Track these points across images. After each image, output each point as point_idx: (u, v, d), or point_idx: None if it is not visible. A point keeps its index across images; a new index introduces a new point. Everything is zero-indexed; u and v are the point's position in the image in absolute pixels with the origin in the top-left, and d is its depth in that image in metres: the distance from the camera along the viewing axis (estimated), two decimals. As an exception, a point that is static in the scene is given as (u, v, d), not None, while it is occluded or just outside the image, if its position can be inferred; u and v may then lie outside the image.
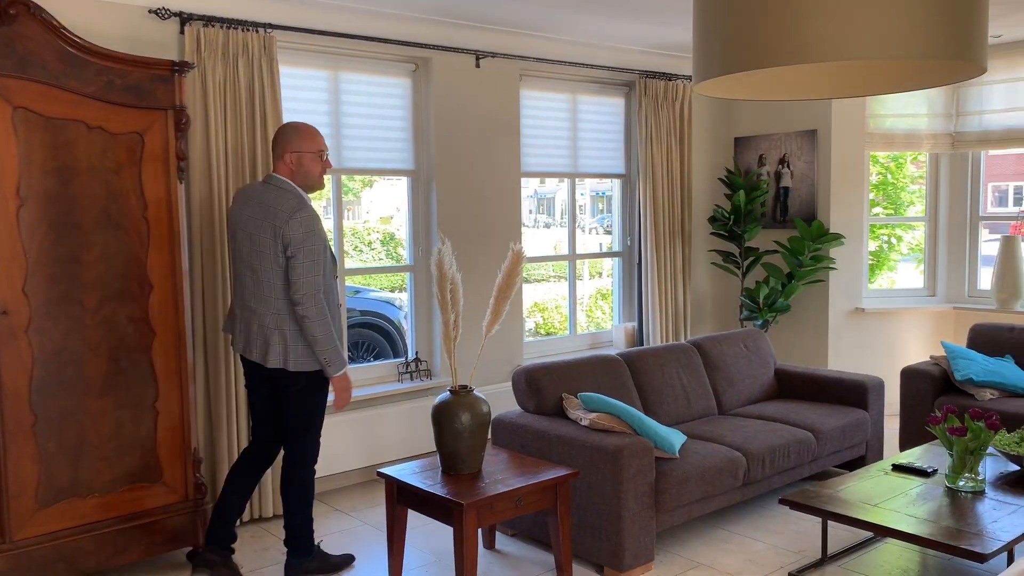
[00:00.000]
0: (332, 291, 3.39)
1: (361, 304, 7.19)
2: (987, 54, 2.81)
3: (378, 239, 8.54)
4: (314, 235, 3.22)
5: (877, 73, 3.32)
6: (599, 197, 15.43)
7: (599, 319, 11.15)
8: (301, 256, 3.20)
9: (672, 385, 4.41)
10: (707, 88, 3.29)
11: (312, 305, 3.22)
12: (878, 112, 6.02)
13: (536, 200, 19.10)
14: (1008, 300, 5.77)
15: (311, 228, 3.22)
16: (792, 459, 4.10)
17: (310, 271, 3.21)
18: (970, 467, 3.47)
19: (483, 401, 3.38)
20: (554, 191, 15.71)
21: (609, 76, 5.70)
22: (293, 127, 3.39)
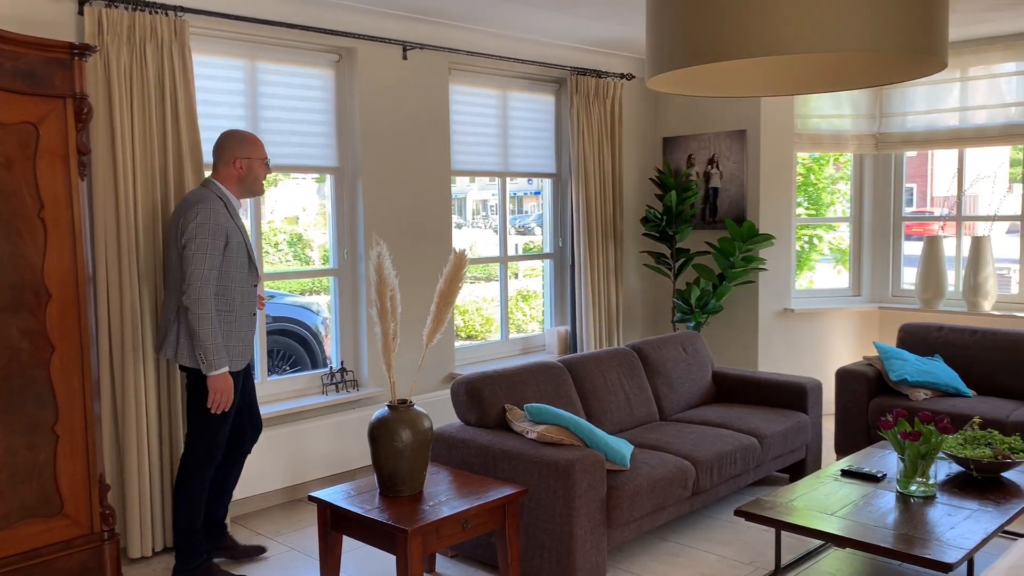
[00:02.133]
0: (245, 294, 3.43)
1: (275, 310, 6.80)
2: (947, 50, 2.74)
3: (284, 240, 8.19)
4: (207, 228, 3.26)
5: (834, 69, 3.23)
6: (512, 198, 15.29)
7: (520, 321, 11.01)
8: (192, 247, 3.25)
9: (615, 392, 4.26)
10: (661, 83, 3.13)
11: (196, 299, 3.24)
12: (805, 113, 6.03)
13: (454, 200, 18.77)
14: (931, 300, 5.86)
15: (205, 221, 3.26)
16: (739, 466, 3.99)
17: (199, 264, 3.24)
18: (921, 471, 3.42)
19: (425, 416, 3.13)
20: (465, 191, 15.51)
21: (540, 72, 5.52)
22: (240, 135, 3.49)
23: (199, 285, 3.24)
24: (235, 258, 3.37)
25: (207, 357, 3.28)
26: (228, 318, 3.39)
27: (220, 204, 3.36)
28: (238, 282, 3.40)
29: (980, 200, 8.06)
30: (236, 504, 4.20)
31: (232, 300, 3.38)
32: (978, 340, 5.01)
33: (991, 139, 5.63)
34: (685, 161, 6.19)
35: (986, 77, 5.63)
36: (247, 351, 3.47)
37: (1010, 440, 3.64)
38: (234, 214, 3.44)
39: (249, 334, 3.46)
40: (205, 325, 3.25)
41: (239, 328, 3.41)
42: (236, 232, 3.39)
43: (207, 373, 3.30)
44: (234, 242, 3.37)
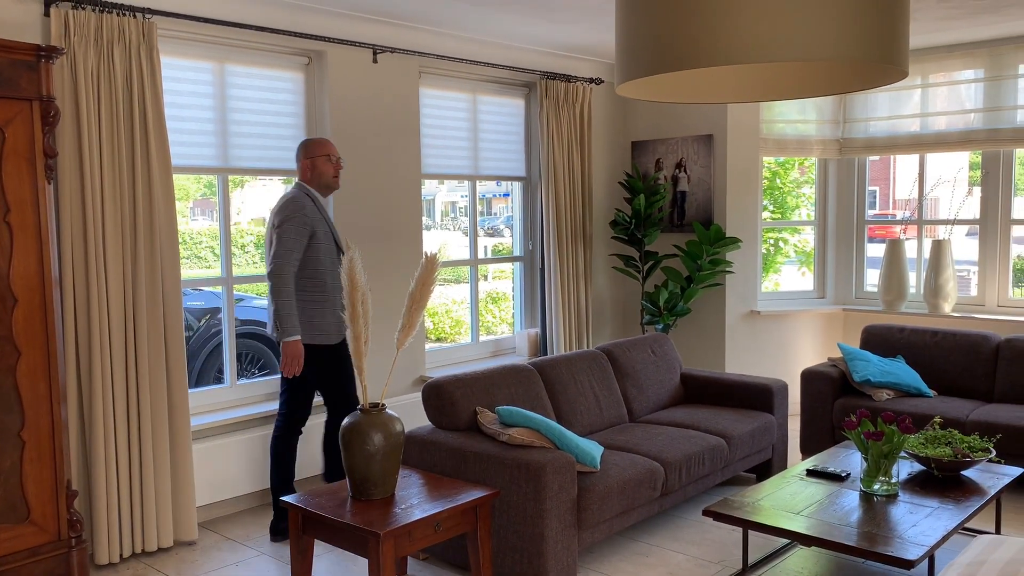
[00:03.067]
0: (336, 276, 3.92)
1: (243, 313, 6.77)
2: (908, 59, 2.81)
3: (252, 242, 8.12)
4: (293, 219, 3.77)
5: (799, 77, 3.29)
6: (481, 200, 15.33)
7: (489, 323, 11.03)
8: (278, 234, 3.77)
9: (585, 394, 4.29)
10: (630, 89, 3.17)
11: (276, 273, 3.74)
12: (771, 118, 6.13)
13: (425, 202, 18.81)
14: (894, 301, 5.98)
15: (292, 214, 3.78)
16: (707, 466, 4.05)
17: (282, 246, 3.74)
18: (884, 470, 3.49)
19: (396, 420, 3.14)
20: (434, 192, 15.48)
21: (510, 76, 5.55)
22: (305, 141, 4.01)
23: (280, 263, 3.73)
24: (323, 245, 3.87)
25: (282, 325, 3.73)
26: (321, 298, 3.87)
27: (307, 200, 3.87)
28: (328, 266, 3.88)
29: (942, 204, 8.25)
30: (206, 509, 4.18)
31: (324, 282, 3.86)
32: (939, 341, 5.13)
33: (950, 145, 5.76)
34: (653, 165, 6.26)
35: (946, 84, 5.76)
36: (342, 326, 3.93)
37: (969, 439, 3.74)
38: (320, 208, 3.94)
39: (334, 304, 3.92)
40: (282, 297, 3.72)
41: (332, 307, 3.89)
42: (322, 223, 3.89)
43: (280, 340, 3.75)
44: (320, 231, 3.86)
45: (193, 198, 8.89)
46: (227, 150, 4.28)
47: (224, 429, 4.24)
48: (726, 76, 3.42)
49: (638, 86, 3.19)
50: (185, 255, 8.46)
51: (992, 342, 4.97)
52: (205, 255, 8.84)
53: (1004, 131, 5.51)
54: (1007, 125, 5.50)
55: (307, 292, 3.84)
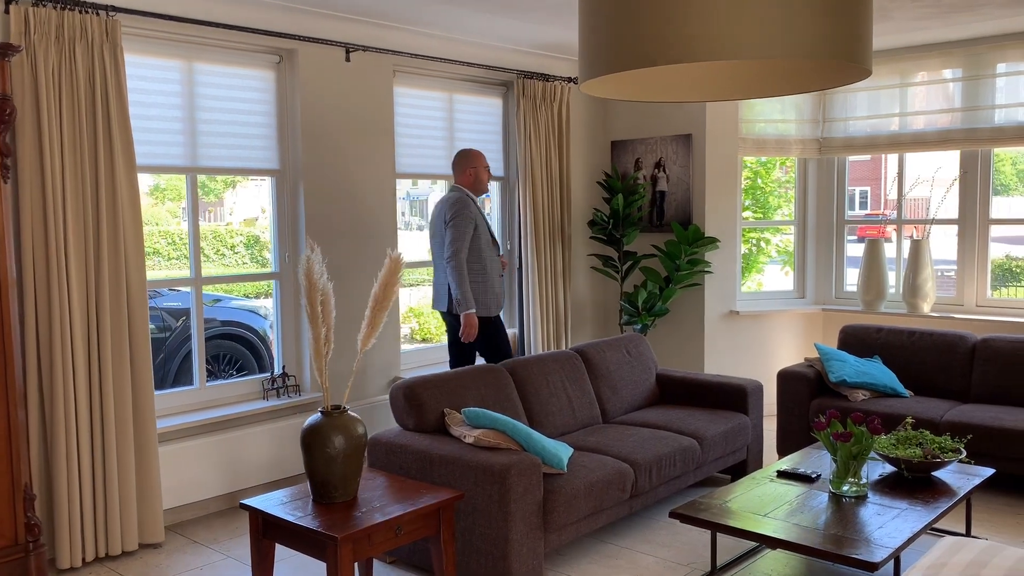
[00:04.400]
0: (493, 261, 4.80)
1: (223, 314, 6.72)
2: (871, 57, 2.79)
3: (241, 242, 8.08)
4: (462, 216, 4.65)
5: (765, 76, 3.27)
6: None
7: (475, 323, 10.97)
8: (451, 228, 4.64)
9: (557, 395, 4.26)
10: (593, 87, 3.14)
11: (453, 261, 4.61)
12: (750, 117, 6.11)
13: (408, 202, 18.75)
14: (873, 301, 5.96)
15: (460, 212, 4.66)
16: (678, 467, 4.02)
17: (455, 238, 4.62)
18: (853, 472, 3.47)
19: (358, 422, 3.10)
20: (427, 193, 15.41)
21: (486, 75, 5.52)
22: (468, 152, 4.85)
23: (454, 251, 4.60)
24: (483, 236, 4.74)
25: (460, 302, 4.61)
26: (483, 279, 4.75)
27: (469, 201, 4.73)
28: (487, 253, 4.75)
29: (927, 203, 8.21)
30: (172, 512, 4.14)
31: (485, 266, 4.75)
32: (915, 341, 5.11)
33: (929, 144, 5.75)
34: (633, 164, 6.23)
35: (924, 84, 5.75)
36: (499, 302, 4.86)
37: (940, 440, 3.71)
38: (479, 207, 4.79)
39: (499, 289, 4.85)
40: (458, 280, 4.60)
41: (492, 285, 4.78)
42: (480, 218, 4.76)
43: (459, 312, 4.62)
44: (480, 226, 4.73)
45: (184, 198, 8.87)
46: (196, 149, 4.24)
47: (192, 432, 4.20)
48: (695, 74, 3.40)
49: (602, 84, 3.16)
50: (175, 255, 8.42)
51: (968, 342, 4.95)
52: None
53: (982, 130, 5.50)
54: (985, 124, 5.48)
55: (472, 275, 4.70)
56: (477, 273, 4.71)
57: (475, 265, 4.70)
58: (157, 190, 8.03)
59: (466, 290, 4.60)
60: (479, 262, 4.71)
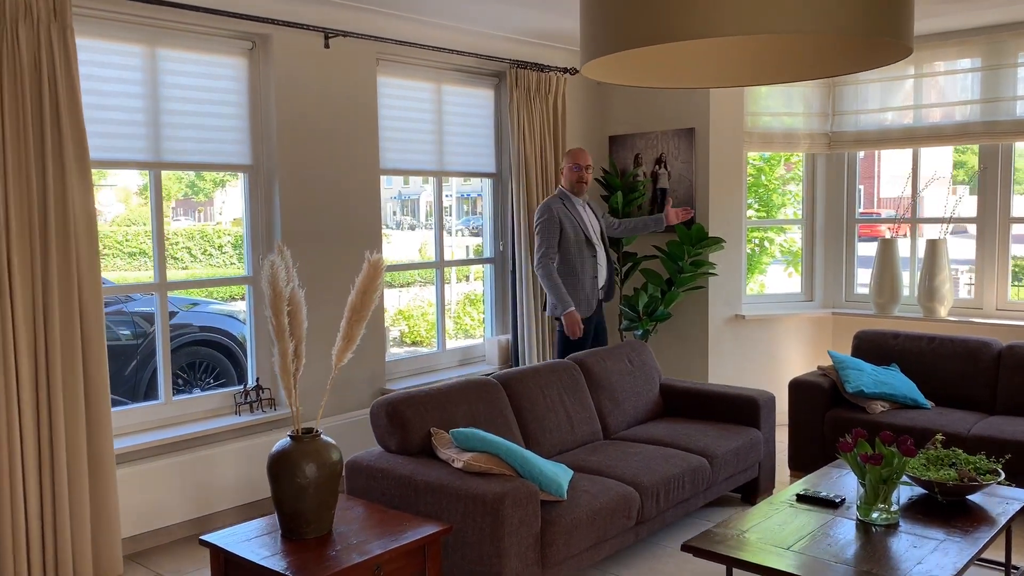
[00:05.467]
0: (585, 262, 4.75)
1: (199, 319, 6.36)
2: (913, 32, 2.45)
3: (229, 242, 7.79)
4: (545, 219, 4.70)
5: (787, 57, 2.93)
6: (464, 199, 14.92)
7: (468, 326, 10.65)
8: (535, 233, 4.73)
9: (555, 410, 3.92)
10: (595, 70, 2.80)
11: (540, 267, 4.67)
12: (756, 110, 5.78)
13: (400, 201, 18.39)
14: (886, 305, 5.64)
15: (542, 214, 4.71)
16: (687, 490, 3.68)
17: (539, 243, 4.69)
18: (883, 497, 3.14)
19: (332, 447, 2.76)
20: (419, 191, 15.03)
21: (477, 65, 5.17)
22: (569, 151, 4.85)
23: (539, 257, 4.67)
24: (572, 237, 4.69)
25: (557, 304, 4.65)
26: (573, 281, 4.70)
27: (556, 201, 4.75)
28: (577, 255, 4.70)
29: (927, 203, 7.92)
30: (132, 540, 3.78)
31: (575, 267, 4.70)
32: (935, 348, 4.79)
33: (946, 138, 5.43)
34: (632, 161, 5.89)
35: (941, 74, 5.42)
36: (592, 303, 4.77)
37: (975, 460, 3.39)
38: (570, 207, 4.77)
39: (592, 291, 4.77)
40: (548, 283, 4.65)
41: (583, 287, 4.72)
42: (570, 218, 4.72)
43: (560, 314, 4.63)
44: (568, 226, 4.70)
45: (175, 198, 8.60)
46: (159, 143, 3.88)
47: (155, 451, 3.84)
48: (705, 58, 3.06)
49: (605, 67, 2.82)
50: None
51: (993, 349, 4.63)
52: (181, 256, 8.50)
53: (1003, 123, 5.18)
54: (1006, 117, 5.16)
55: (563, 276, 4.69)
56: (566, 275, 4.69)
57: (563, 268, 4.69)
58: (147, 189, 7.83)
59: (560, 292, 4.62)
60: (567, 264, 4.70)
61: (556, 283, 4.63)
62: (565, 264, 4.69)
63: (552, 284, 4.63)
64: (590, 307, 4.75)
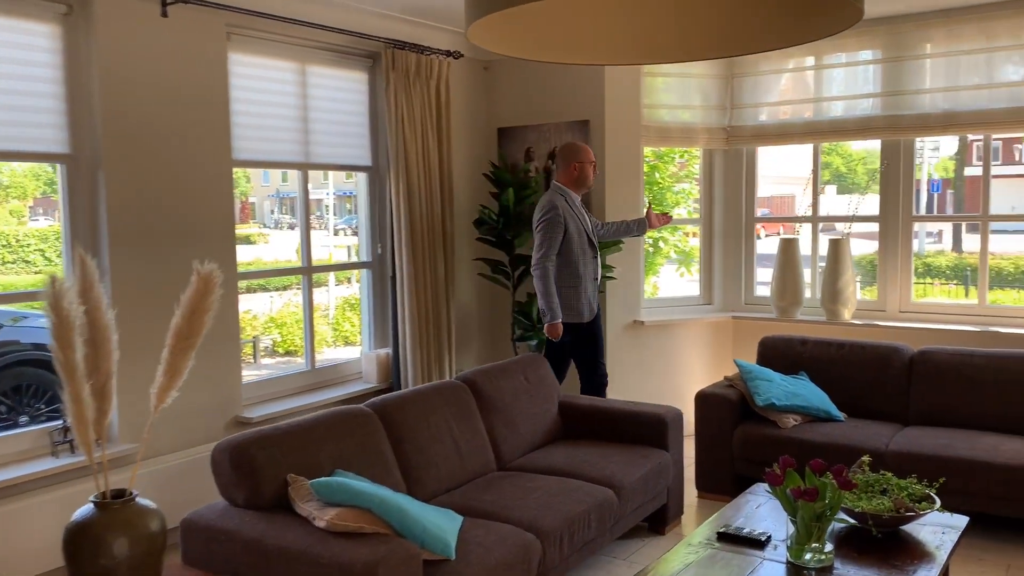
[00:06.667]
0: (587, 264, 4.45)
1: (28, 335, 5.51)
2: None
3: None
4: (548, 219, 4.35)
5: (698, 27, 2.48)
6: (347, 197, 14.14)
7: (348, 332, 9.94)
8: (537, 233, 4.38)
9: (441, 440, 3.37)
10: (484, 34, 2.28)
11: (538, 269, 4.34)
12: (651, 103, 5.40)
13: (278, 199, 17.30)
14: (788, 308, 5.37)
15: (546, 214, 4.35)
16: (593, 529, 3.21)
17: (540, 244, 4.35)
18: (816, 536, 2.75)
19: (151, 514, 2.13)
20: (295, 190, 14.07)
21: (348, 43, 4.56)
22: (574, 145, 4.51)
23: (538, 258, 4.35)
24: (575, 238, 4.39)
25: (544, 311, 4.35)
26: (576, 283, 4.41)
27: (561, 199, 4.41)
28: (581, 257, 4.41)
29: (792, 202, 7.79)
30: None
31: (578, 269, 4.41)
32: (845, 355, 4.51)
33: (848, 133, 5.19)
34: (523, 155, 5.41)
35: (842, 66, 5.18)
36: (594, 306, 4.50)
37: (907, 484, 3.06)
38: (572, 204, 4.44)
39: (594, 293, 4.50)
40: (541, 288, 4.34)
41: (586, 290, 4.44)
42: (574, 219, 4.41)
43: (544, 321, 4.36)
44: (572, 227, 4.39)
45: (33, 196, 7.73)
46: (-57, 125, 3.11)
47: (-59, 510, 3.08)
48: (608, 31, 2.59)
49: (493, 31, 2.30)
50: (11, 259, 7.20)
51: (904, 355, 4.39)
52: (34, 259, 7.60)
53: (905, 117, 4.97)
54: (908, 111, 4.96)
55: (563, 280, 4.40)
56: (568, 278, 4.41)
57: (565, 270, 4.40)
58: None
59: (551, 301, 4.33)
60: (569, 266, 4.40)
61: (551, 290, 4.33)
62: (568, 266, 4.40)
63: (547, 290, 4.32)
64: (592, 311, 4.49)
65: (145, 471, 3.54)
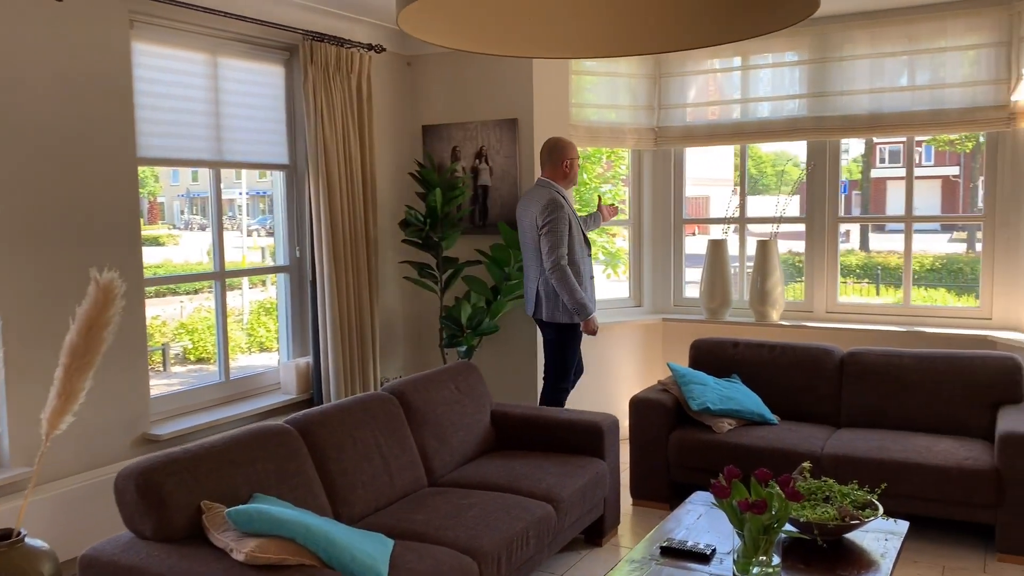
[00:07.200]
0: (585, 262, 4.43)
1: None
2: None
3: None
4: (558, 216, 4.28)
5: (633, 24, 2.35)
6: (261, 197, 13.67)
7: (263, 338, 9.57)
8: (549, 230, 4.29)
9: (368, 457, 3.17)
10: (415, 21, 2.10)
11: (557, 271, 4.26)
12: (580, 102, 5.29)
13: (188, 199, 16.63)
14: (718, 309, 5.34)
15: (556, 211, 4.28)
16: (531, 546, 3.06)
17: (557, 241, 4.27)
18: (764, 549, 2.66)
19: (41, 556, 1.88)
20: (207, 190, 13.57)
21: (263, 35, 4.30)
22: (562, 142, 4.47)
23: (555, 260, 4.26)
24: (576, 236, 4.38)
25: (578, 310, 4.31)
26: (579, 280, 4.37)
27: (560, 196, 4.36)
28: (581, 255, 4.42)
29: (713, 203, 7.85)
30: None
31: (579, 268, 4.40)
32: (777, 357, 4.48)
33: (775, 134, 5.19)
34: (450, 154, 5.22)
35: (769, 67, 5.17)
36: (595, 304, 4.49)
37: (850, 492, 3.00)
38: (569, 203, 4.42)
39: (593, 292, 4.54)
40: (568, 287, 4.26)
41: (587, 288, 4.45)
42: (574, 217, 4.40)
43: (582, 320, 4.36)
44: (574, 224, 4.38)
45: None
46: None
47: None
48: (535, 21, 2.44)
49: (425, 19, 2.12)
50: None
51: (835, 357, 4.38)
52: None
53: (831, 119, 4.99)
54: (833, 112, 4.98)
55: None
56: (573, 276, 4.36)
57: (570, 268, 4.34)
58: None
59: (581, 297, 4.31)
60: (573, 265, 4.37)
61: (575, 287, 4.29)
62: (572, 264, 4.36)
63: (572, 288, 4.28)
64: (592, 308, 4.46)
65: (39, 498, 3.22)
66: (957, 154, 13.17)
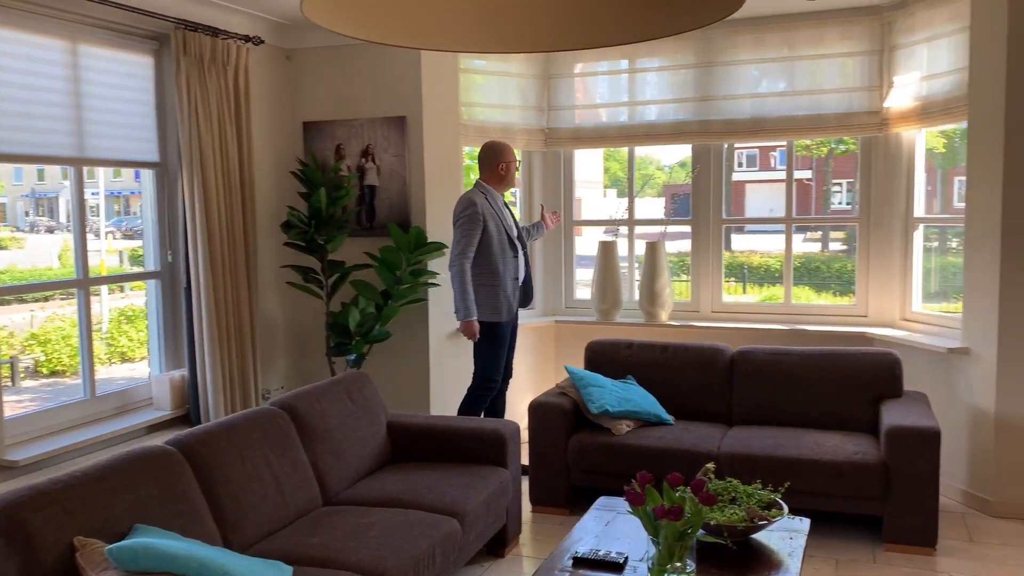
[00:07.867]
0: (507, 263, 4.47)
1: None
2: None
3: None
4: (467, 215, 4.36)
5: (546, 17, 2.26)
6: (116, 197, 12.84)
7: (125, 347, 8.95)
8: (455, 230, 4.42)
9: (259, 477, 2.94)
10: (318, 9, 1.92)
11: (455, 267, 4.37)
12: (470, 100, 5.18)
13: (33, 200, 15.46)
14: (609, 311, 5.35)
15: (465, 210, 4.38)
16: (438, 565, 2.92)
17: (456, 242, 4.37)
18: (679, 555, 2.62)
19: None
20: (58, 188, 12.76)
21: (130, 22, 3.95)
22: (501, 145, 4.57)
23: (455, 255, 4.35)
24: (496, 236, 4.39)
25: (458, 308, 4.35)
26: (494, 282, 4.41)
27: (481, 197, 4.42)
28: (500, 255, 4.41)
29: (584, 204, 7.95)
30: None
31: (496, 268, 4.40)
32: (669, 357, 4.51)
33: (662, 137, 5.25)
34: (334, 152, 4.99)
35: (656, 70, 5.22)
36: (513, 306, 4.50)
37: (754, 492, 3.02)
38: (493, 203, 4.45)
39: (513, 293, 4.48)
40: (457, 286, 4.34)
41: (505, 289, 4.43)
42: (494, 217, 4.41)
43: (458, 319, 4.37)
44: (492, 224, 4.39)
45: None
46: None
47: None
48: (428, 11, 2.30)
49: (330, 7, 1.95)
50: None
51: (725, 356, 4.44)
52: None
53: (715, 123, 5.08)
54: (718, 116, 5.07)
55: (480, 279, 4.38)
56: (486, 276, 4.40)
57: (484, 268, 4.39)
58: None
59: (466, 298, 4.32)
60: (488, 265, 4.40)
61: (467, 289, 4.32)
62: (487, 264, 4.39)
63: (463, 289, 4.32)
64: (511, 311, 4.49)
65: None
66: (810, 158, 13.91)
